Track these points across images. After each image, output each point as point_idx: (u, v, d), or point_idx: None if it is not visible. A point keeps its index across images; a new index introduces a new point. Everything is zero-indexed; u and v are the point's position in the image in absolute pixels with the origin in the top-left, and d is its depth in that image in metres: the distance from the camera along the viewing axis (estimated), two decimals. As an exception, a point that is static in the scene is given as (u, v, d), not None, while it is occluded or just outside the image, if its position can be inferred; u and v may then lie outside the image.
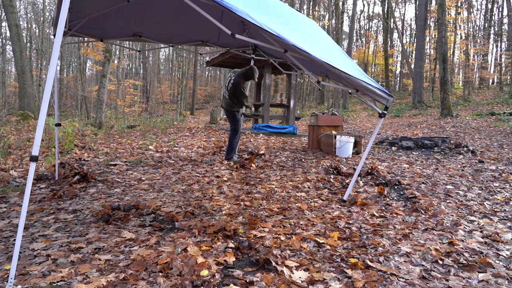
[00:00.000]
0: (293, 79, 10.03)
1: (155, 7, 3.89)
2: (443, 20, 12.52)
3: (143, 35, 4.62)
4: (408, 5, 52.85)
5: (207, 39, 5.09)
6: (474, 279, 1.89)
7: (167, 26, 4.52)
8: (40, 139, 1.74)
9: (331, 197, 3.54)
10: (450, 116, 11.93)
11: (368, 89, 2.91)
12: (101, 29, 4.27)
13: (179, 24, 4.47)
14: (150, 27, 4.47)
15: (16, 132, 8.50)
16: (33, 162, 1.73)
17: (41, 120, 1.73)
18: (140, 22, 4.30)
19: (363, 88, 2.88)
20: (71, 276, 1.85)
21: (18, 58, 12.61)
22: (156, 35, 4.81)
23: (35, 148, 1.73)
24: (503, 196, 3.51)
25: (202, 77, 39.57)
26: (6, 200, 3.31)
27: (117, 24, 4.25)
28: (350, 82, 2.80)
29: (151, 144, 6.87)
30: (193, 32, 4.83)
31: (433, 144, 6.30)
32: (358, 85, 2.83)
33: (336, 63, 2.62)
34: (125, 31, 4.49)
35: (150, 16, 4.12)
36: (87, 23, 3.85)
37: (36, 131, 1.74)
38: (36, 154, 1.74)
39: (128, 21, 4.22)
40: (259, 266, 2.02)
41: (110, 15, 3.80)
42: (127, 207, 3.04)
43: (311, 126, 6.65)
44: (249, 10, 2.17)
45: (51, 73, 1.75)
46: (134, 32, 4.52)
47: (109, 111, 17.32)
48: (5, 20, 15.33)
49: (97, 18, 3.80)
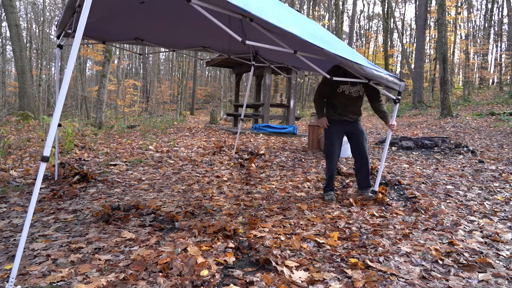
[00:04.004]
0: (293, 79, 10.03)
1: (158, 12, 3.88)
2: (443, 20, 12.52)
3: (145, 39, 4.61)
4: (408, 5, 52.86)
5: (208, 45, 5.07)
6: (474, 279, 1.89)
7: (169, 31, 4.51)
8: (52, 140, 1.75)
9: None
10: (450, 116, 11.92)
11: (380, 77, 2.95)
12: (103, 32, 4.26)
13: (180, 30, 4.46)
14: (152, 31, 4.46)
15: (16, 132, 8.50)
16: (44, 162, 1.74)
17: (55, 121, 1.75)
18: (142, 26, 4.29)
19: (376, 76, 2.91)
20: (71, 276, 1.85)
21: (18, 58, 12.60)
22: (157, 40, 4.80)
23: (47, 148, 1.73)
24: (503, 196, 3.51)
25: (202, 77, 39.57)
26: (6, 200, 3.31)
27: (120, 28, 4.24)
28: (363, 73, 2.81)
29: (151, 144, 6.87)
30: (194, 37, 4.81)
31: (433, 144, 6.30)
32: (370, 75, 2.85)
33: (347, 55, 2.64)
34: (127, 34, 4.48)
35: (152, 20, 4.11)
36: (90, 25, 3.83)
37: (48, 132, 1.74)
38: (48, 155, 1.74)
39: (131, 25, 4.21)
40: (259, 266, 2.02)
41: (113, 18, 3.80)
42: (127, 207, 3.04)
43: (311, 126, 6.65)
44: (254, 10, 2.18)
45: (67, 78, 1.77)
46: (136, 36, 4.50)
47: (109, 111, 17.32)
48: (5, 20, 15.32)
49: (100, 21, 3.79)
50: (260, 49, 5.38)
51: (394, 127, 3.36)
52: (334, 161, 3.43)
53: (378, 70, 2.96)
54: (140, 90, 26.55)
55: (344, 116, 3.36)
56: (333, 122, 3.39)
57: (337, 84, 3.31)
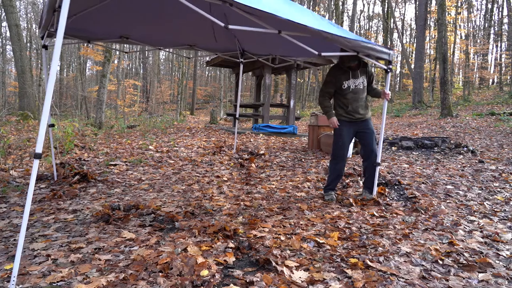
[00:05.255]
0: (293, 79, 10.03)
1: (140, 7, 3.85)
2: (443, 20, 12.52)
3: (130, 37, 4.56)
4: (408, 5, 52.86)
5: (194, 42, 5.04)
6: (474, 279, 1.89)
7: (154, 29, 4.48)
8: (43, 137, 1.79)
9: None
10: (450, 116, 11.92)
11: (367, 47, 2.95)
12: (87, 30, 4.22)
13: (166, 27, 4.43)
14: (137, 29, 4.43)
15: (16, 132, 8.50)
16: (36, 159, 1.79)
17: (44, 119, 1.78)
18: (127, 24, 4.25)
19: (363, 47, 2.91)
20: (71, 276, 1.85)
21: (18, 58, 12.60)
22: (143, 38, 4.77)
23: (39, 145, 1.78)
24: (503, 196, 3.51)
25: (202, 77, 39.58)
26: (6, 200, 3.31)
27: (104, 26, 4.20)
28: (349, 45, 2.81)
29: (151, 144, 6.86)
30: (180, 35, 4.79)
31: (433, 144, 6.30)
32: (358, 46, 2.85)
33: (331, 30, 2.65)
34: (112, 33, 4.45)
35: (136, 17, 4.08)
36: (73, 24, 3.77)
37: (39, 130, 1.78)
38: (40, 152, 1.80)
39: (114, 23, 4.17)
40: (259, 266, 2.02)
41: (96, 15, 3.74)
42: (127, 207, 3.04)
43: (311, 126, 6.65)
44: None
45: (52, 77, 1.78)
46: (121, 34, 4.47)
47: (109, 111, 17.33)
48: (5, 20, 15.33)
49: (83, 19, 3.73)
50: (247, 44, 5.34)
51: (388, 96, 3.34)
52: (342, 163, 3.42)
53: (365, 41, 2.96)
54: (140, 90, 26.55)
55: (355, 113, 3.33)
56: (344, 123, 3.37)
57: (341, 81, 3.31)
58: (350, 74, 3.31)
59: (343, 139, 3.36)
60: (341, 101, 3.37)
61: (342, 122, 3.37)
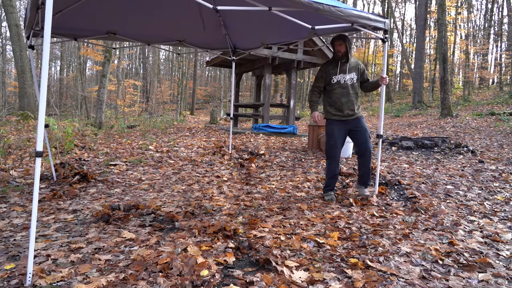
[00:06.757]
0: (293, 79, 10.03)
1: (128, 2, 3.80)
2: (443, 20, 12.52)
3: (117, 33, 4.50)
4: (408, 5, 52.81)
5: (183, 38, 4.97)
6: (474, 279, 1.89)
7: (143, 24, 4.41)
8: (42, 135, 1.81)
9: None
10: (450, 116, 11.92)
11: (361, 16, 2.93)
12: (73, 28, 4.15)
13: (154, 22, 4.36)
14: (125, 25, 4.36)
15: (16, 132, 8.50)
16: (38, 157, 1.81)
17: (41, 118, 1.79)
18: (114, 20, 4.18)
19: (357, 17, 2.89)
20: (71, 276, 1.85)
21: (18, 58, 12.60)
22: (131, 33, 4.70)
23: (39, 144, 1.80)
24: (503, 196, 3.51)
25: (202, 77, 39.58)
26: (6, 200, 3.31)
27: (90, 22, 4.13)
28: (343, 16, 2.79)
29: (151, 144, 6.86)
30: (169, 30, 4.72)
31: (433, 144, 6.30)
32: (351, 16, 2.84)
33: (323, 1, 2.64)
34: (98, 29, 4.38)
35: (123, 12, 4.02)
36: (58, 21, 3.69)
37: (37, 129, 1.81)
38: (41, 150, 1.81)
39: (102, 19, 4.11)
40: (259, 266, 2.02)
41: (81, 11, 3.68)
42: (127, 207, 3.04)
43: (311, 126, 6.65)
44: None
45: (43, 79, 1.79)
46: (108, 30, 4.39)
47: (109, 111, 17.32)
48: (5, 20, 15.33)
49: (68, 16, 3.65)
50: (238, 39, 5.30)
51: (386, 80, 3.33)
52: (335, 162, 3.41)
53: (358, 10, 2.95)
54: (140, 90, 26.55)
55: (343, 110, 3.33)
56: (334, 123, 3.37)
57: (330, 75, 3.34)
58: (339, 69, 3.33)
59: (335, 139, 3.36)
60: (331, 97, 3.38)
61: (332, 122, 3.38)
